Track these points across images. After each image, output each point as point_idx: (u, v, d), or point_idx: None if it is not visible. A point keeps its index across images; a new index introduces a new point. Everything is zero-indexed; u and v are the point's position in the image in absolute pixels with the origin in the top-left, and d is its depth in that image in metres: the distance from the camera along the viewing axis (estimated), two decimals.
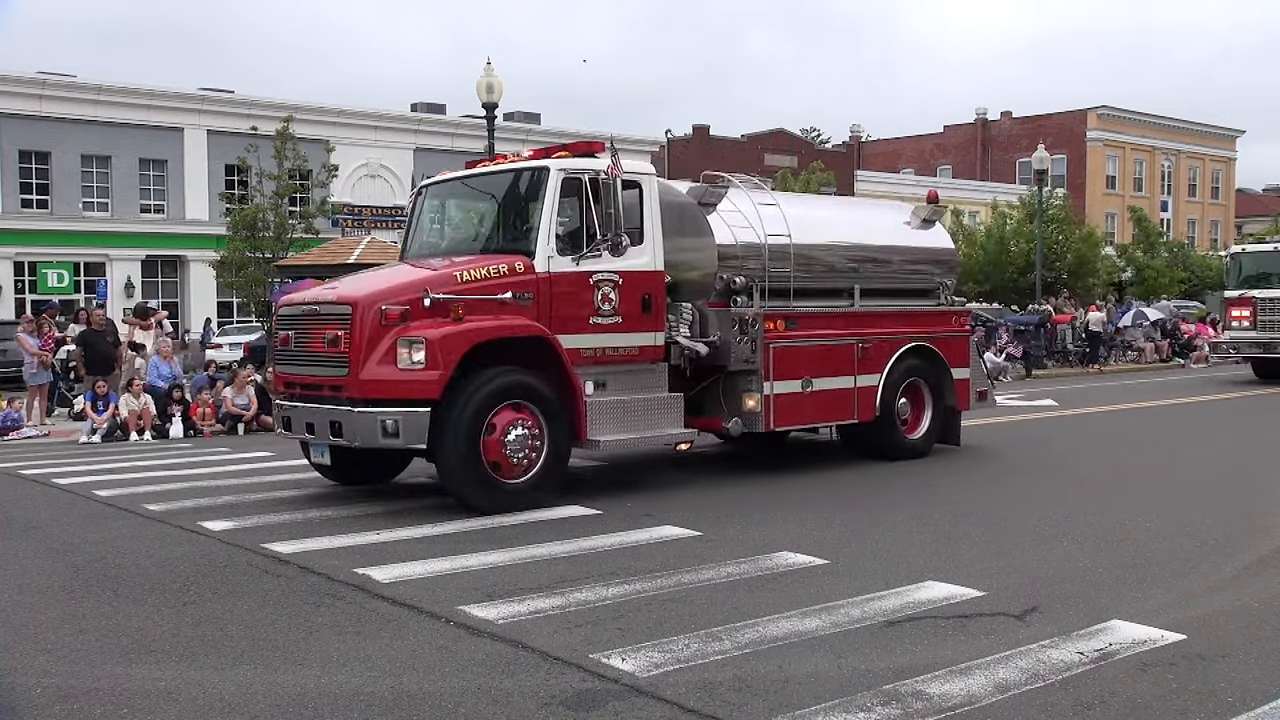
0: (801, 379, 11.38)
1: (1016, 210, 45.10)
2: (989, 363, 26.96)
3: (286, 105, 37.75)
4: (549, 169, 10.01)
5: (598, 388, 10.06)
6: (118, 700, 4.97)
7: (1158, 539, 8.27)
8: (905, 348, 12.36)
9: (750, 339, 10.93)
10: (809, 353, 11.49)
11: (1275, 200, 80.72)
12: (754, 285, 11.16)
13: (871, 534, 8.53)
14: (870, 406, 12.05)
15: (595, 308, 10.03)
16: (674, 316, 10.87)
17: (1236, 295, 24.48)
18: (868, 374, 12.01)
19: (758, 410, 11.06)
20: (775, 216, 11.54)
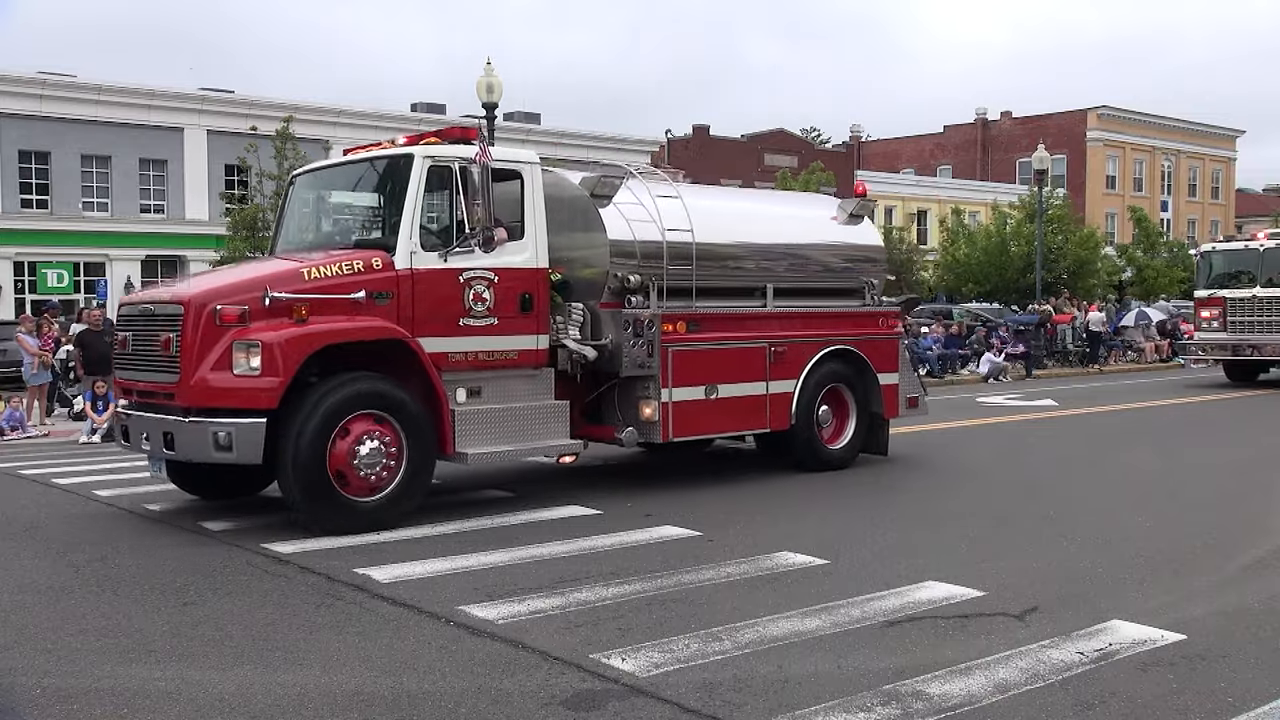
0: (705, 385, 10.55)
1: (1016, 210, 45.12)
2: (989, 363, 27.11)
3: (286, 105, 37.74)
4: (413, 156, 9.22)
5: (471, 395, 9.29)
6: (118, 700, 4.97)
7: (1157, 539, 8.28)
8: (825, 351, 11.55)
9: (646, 342, 10.09)
10: (714, 357, 10.66)
11: (1275, 200, 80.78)
12: (651, 284, 10.26)
13: (871, 534, 8.53)
14: (785, 414, 11.22)
15: (466, 308, 9.20)
16: (561, 318, 9.99)
17: (1206, 295, 23.69)
18: (782, 379, 11.19)
19: (655, 419, 10.23)
20: (677, 210, 10.62)
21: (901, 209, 59.45)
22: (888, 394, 12.23)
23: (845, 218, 12.47)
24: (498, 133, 23.36)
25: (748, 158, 53.40)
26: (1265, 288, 22.51)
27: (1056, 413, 18.64)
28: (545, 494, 10.29)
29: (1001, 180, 64.26)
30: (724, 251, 11.12)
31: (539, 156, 10.19)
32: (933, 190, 62.13)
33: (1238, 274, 23.26)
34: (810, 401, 11.44)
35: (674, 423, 10.36)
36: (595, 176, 10.42)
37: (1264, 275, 22.67)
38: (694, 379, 10.50)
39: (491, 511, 9.43)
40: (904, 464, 12.69)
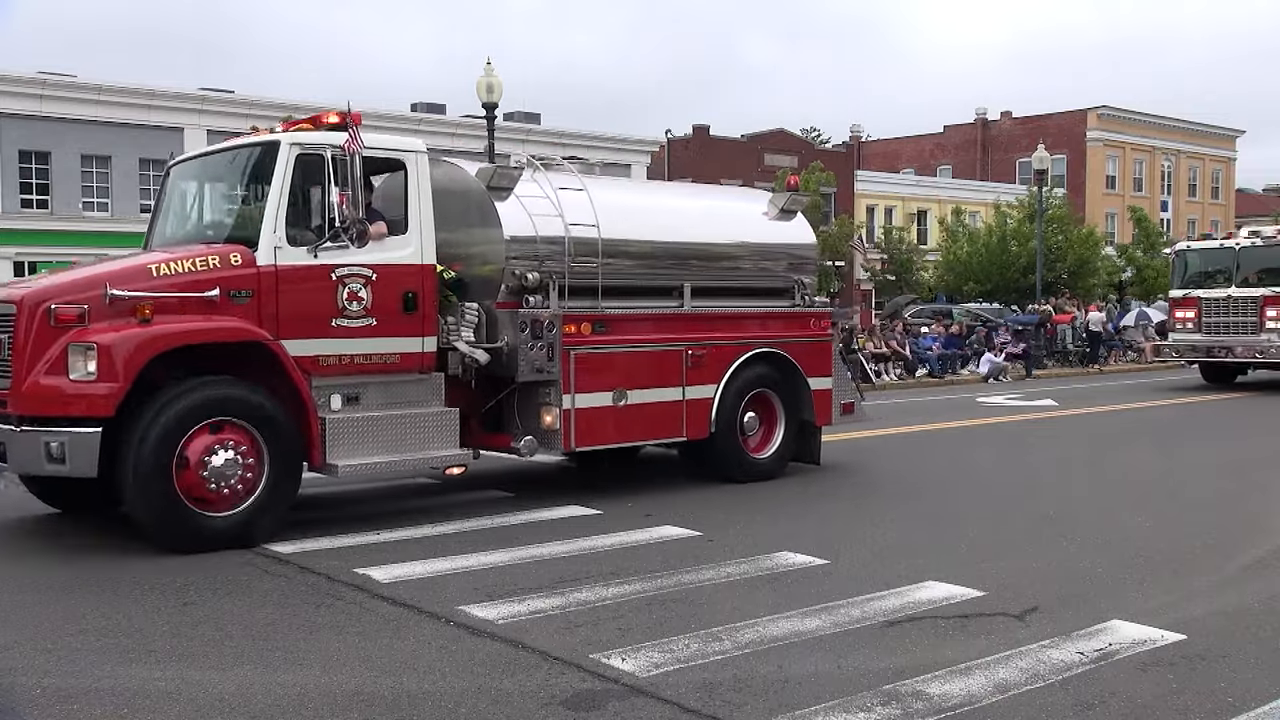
0: (613, 390, 9.86)
1: (1016, 210, 45.15)
2: (988, 363, 27.11)
3: (286, 105, 37.70)
4: (279, 144, 8.55)
5: (348, 402, 8.68)
6: (118, 700, 4.97)
7: (1157, 539, 8.28)
8: (750, 355, 10.83)
9: (546, 344, 9.42)
10: (623, 360, 9.97)
11: (1275, 200, 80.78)
12: (551, 283, 9.59)
13: (871, 534, 8.53)
14: (704, 422, 10.51)
15: (340, 308, 8.53)
16: (453, 318, 9.32)
17: (1181, 295, 23.07)
18: (701, 385, 10.47)
19: (556, 427, 9.53)
20: (582, 204, 9.92)
21: (901, 209, 59.47)
22: (820, 399, 11.52)
23: (776, 213, 11.77)
24: (498, 133, 23.38)
25: (748, 158, 53.35)
26: (1241, 287, 21.96)
27: (1056, 413, 18.64)
28: (545, 494, 10.29)
29: (1001, 180, 64.27)
30: (635, 248, 10.44)
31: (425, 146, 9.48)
32: (933, 190, 62.15)
33: (1213, 273, 22.70)
34: (733, 408, 10.74)
35: (577, 431, 9.66)
36: (491, 168, 9.76)
37: (1239, 275, 22.12)
38: (600, 384, 9.83)
39: (491, 511, 9.43)
40: (903, 464, 12.70)
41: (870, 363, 25.53)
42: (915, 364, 26.83)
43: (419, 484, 11.03)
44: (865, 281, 49.94)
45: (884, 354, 26.64)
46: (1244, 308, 21.81)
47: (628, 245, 10.33)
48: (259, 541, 8.04)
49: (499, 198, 9.62)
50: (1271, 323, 21.35)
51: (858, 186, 57.57)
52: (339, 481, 10.81)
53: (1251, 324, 21.67)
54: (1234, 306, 21.96)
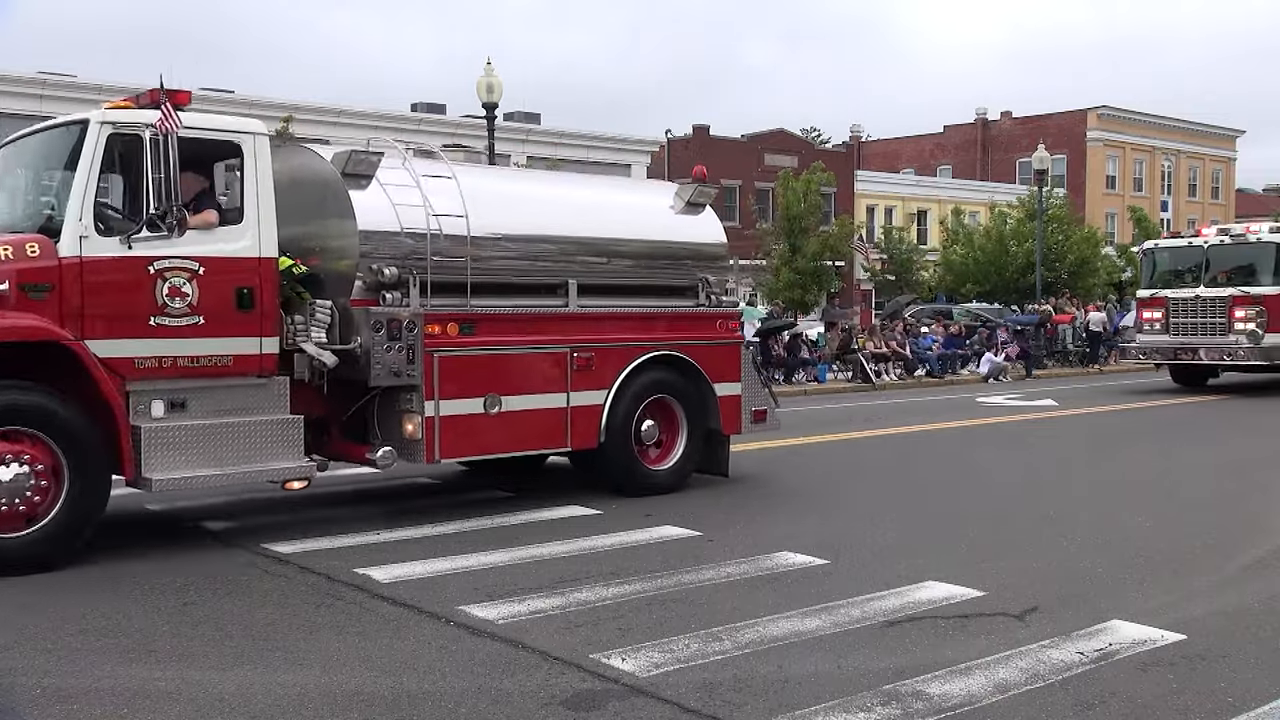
0: (485, 396, 9.10)
1: (1016, 210, 45.18)
2: (989, 363, 27.11)
3: (286, 105, 37.80)
4: (88, 122, 7.79)
5: (172, 409, 7.88)
6: (118, 700, 4.97)
7: (1157, 539, 8.28)
8: (645, 358, 10.08)
9: (405, 346, 8.67)
10: (496, 364, 9.23)
11: (1275, 200, 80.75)
12: (412, 278, 8.86)
13: (871, 534, 8.53)
14: (593, 430, 9.76)
15: (159, 304, 7.70)
16: (303, 317, 8.55)
17: (1148, 295, 22.43)
18: (589, 390, 9.72)
19: (418, 437, 8.80)
20: (450, 194, 9.18)
21: (901, 209, 59.47)
22: (727, 406, 10.73)
23: (683, 206, 10.96)
24: (498, 133, 23.39)
25: (748, 158, 53.36)
26: (1209, 287, 21.31)
27: (1056, 413, 18.64)
28: (545, 494, 10.28)
29: (1001, 180, 64.27)
30: (512, 242, 9.65)
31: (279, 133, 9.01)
32: (933, 190, 62.15)
33: (1182, 272, 22.02)
34: (627, 415, 9.97)
35: (443, 441, 8.90)
36: (346, 153, 8.91)
37: (1208, 274, 21.47)
38: (470, 390, 9.06)
39: (491, 511, 9.43)
40: (903, 464, 12.70)
41: (870, 363, 25.56)
42: (915, 364, 26.84)
43: (419, 484, 11.03)
44: (865, 281, 50.03)
45: (884, 354, 26.65)
46: (1212, 308, 21.20)
47: (503, 239, 9.57)
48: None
49: (357, 186, 8.86)
50: (1240, 323, 20.73)
51: (858, 186, 57.54)
52: (340, 482, 10.84)
53: (1220, 325, 21.03)
54: (1202, 307, 21.32)
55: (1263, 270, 21.08)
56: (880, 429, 16.16)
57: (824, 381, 24.93)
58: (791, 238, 37.91)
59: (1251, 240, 21.37)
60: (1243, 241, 21.47)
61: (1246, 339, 20.59)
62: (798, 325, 28.65)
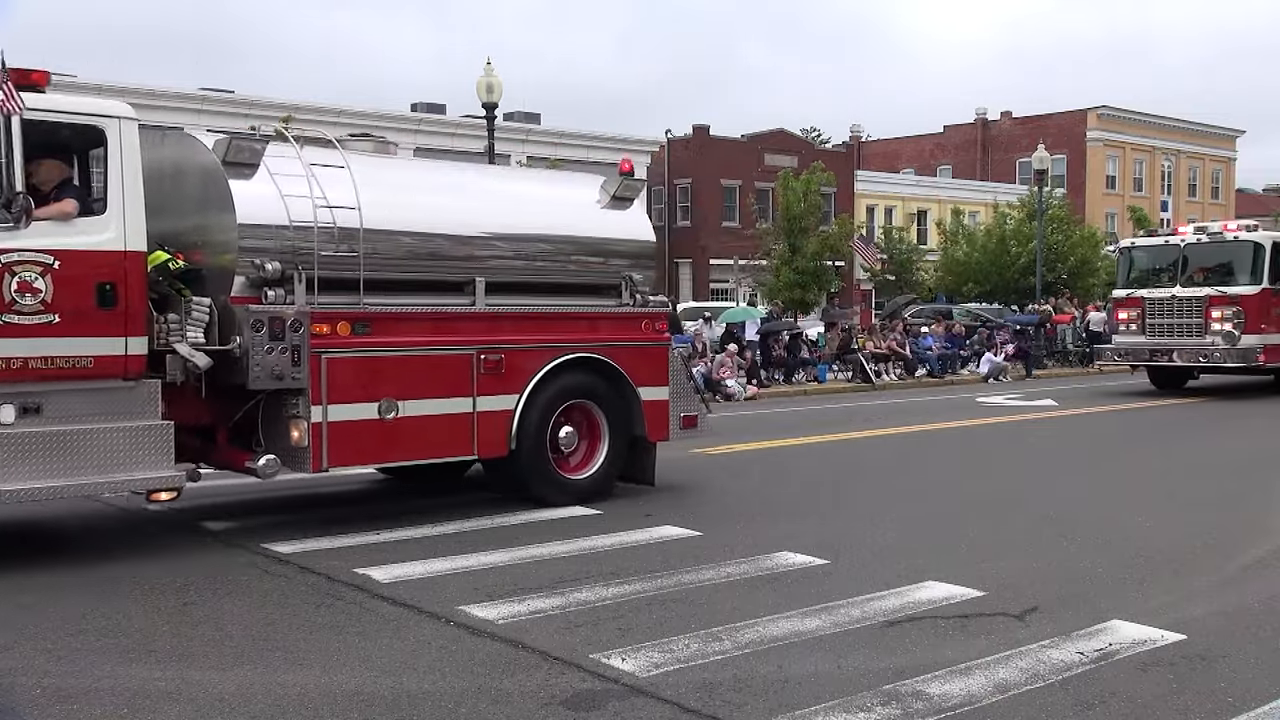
0: (380, 401, 8.55)
1: (1016, 210, 45.20)
2: (988, 363, 27.12)
3: (286, 105, 37.76)
4: None
5: (24, 414, 7.35)
6: (118, 700, 4.97)
7: (1157, 539, 8.28)
8: (562, 360, 9.54)
9: (290, 347, 8.13)
10: (393, 366, 8.66)
11: (1275, 200, 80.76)
12: (298, 274, 8.29)
13: (871, 534, 8.53)
14: (502, 437, 9.20)
15: (7, 300, 7.20)
16: (178, 316, 7.99)
17: (1124, 295, 21.87)
18: (498, 394, 9.16)
19: (304, 444, 8.24)
20: (342, 184, 8.60)
21: (901, 209, 59.48)
22: (653, 412, 10.15)
23: (608, 200, 10.38)
24: (498, 133, 23.40)
25: (748, 158, 53.37)
26: (1186, 287, 20.75)
27: (1056, 413, 18.64)
28: None
29: (1001, 180, 64.29)
30: (412, 236, 9.11)
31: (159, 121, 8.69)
32: (933, 190, 62.17)
33: (1158, 272, 21.51)
34: (541, 421, 9.44)
35: (331, 449, 8.34)
36: (227, 140, 8.33)
37: (1185, 273, 20.94)
38: (362, 394, 8.50)
39: (491, 511, 9.43)
40: (902, 464, 12.70)
41: (870, 363, 25.57)
42: (915, 364, 26.85)
43: (419, 484, 11.02)
44: (865, 281, 50.03)
45: (884, 354, 26.66)
46: (1188, 308, 20.68)
47: (403, 233, 9.02)
48: None
49: (239, 175, 8.27)
50: (1216, 324, 20.25)
51: (858, 186, 57.54)
52: (340, 482, 10.84)
53: (1196, 326, 20.53)
54: (1178, 307, 20.82)
55: (1240, 270, 20.60)
56: (880, 429, 16.16)
57: (824, 381, 24.93)
58: (791, 238, 37.91)
59: (1229, 239, 20.95)
60: (1220, 240, 21.03)
61: (1222, 340, 20.14)
62: (797, 325, 28.61)
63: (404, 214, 9.09)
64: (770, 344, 24.74)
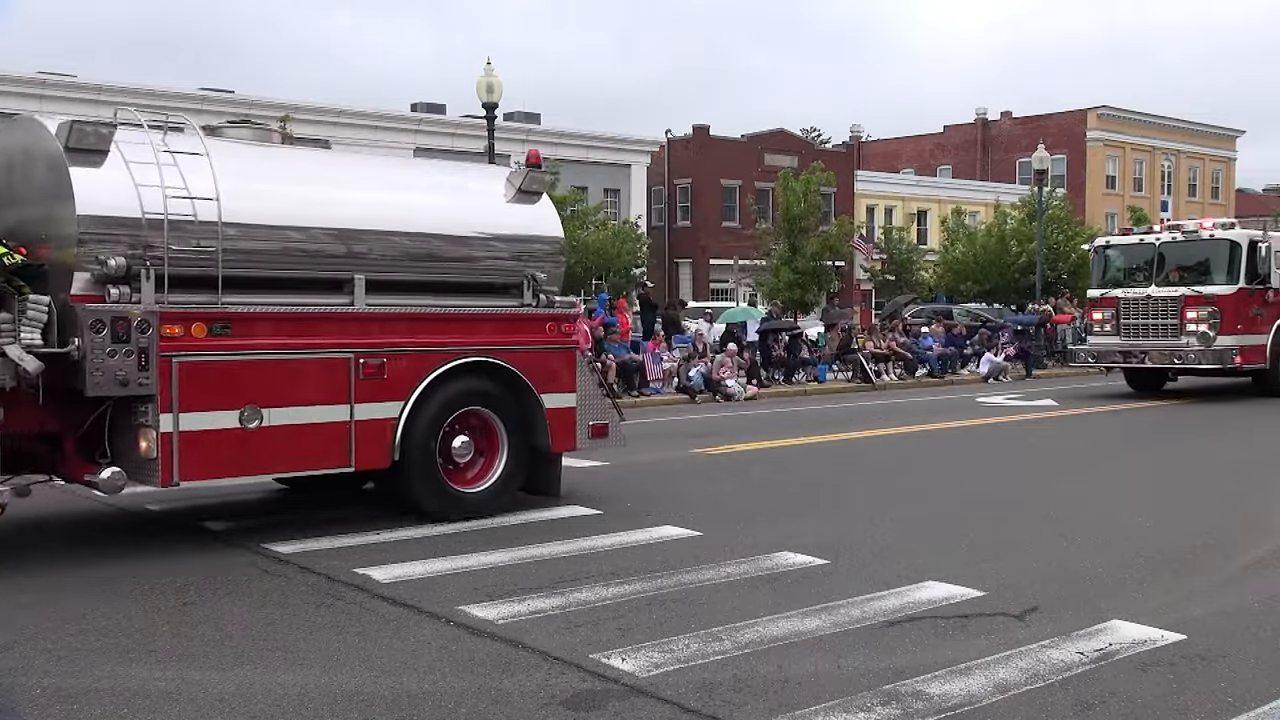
0: (241, 409, 7.87)
1: (1017, 210, 45.21)
2: (989, 363, 27.11)
3: (285, 105, 37.81)
4: None
5: None
6: (118, 700, 4.98)
7: (1157, 539, 8.28)
8: (454, 365, 8.89)
9: (136, 350, 7.47)
10: (257, 371, 7.99)
11: (1275, 200, 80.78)
12: (146, 270, 7.61)
13: (871, 534, 8.53)
14: (384, 447, 8.56)
15: None
16: (9, 315, 7.39)
17: (1099, 295, 21.28)
18: (379, 401, 8.52)
19: (153, 455, 7.58)
20: (200, 173, 7.89)
21: (901, 209, 59.49)
22: (557, 420, 9.48)
23: (514, 194, 9.72)
24: (498, 133, 23.39)
25: (748, 158, 53.38)
26: (1161, 286, 20.24)
27: (1056, 413, 18.64)
28: None
29: (1001, 180, 64.30)
30: (281, 231, 8.39)
31: None
32: (933, 190, 62.18)
33: (1134, 271, 20.99)
34: (430, 430, 8.79)
35: (184, 461, 7.65)
36: (68, 124, 7.67)
37: (1161, 273, 20.42)
38: (221, 401, 7.83)
39: (492, 511, 9.41)
40: (902, 464, 12.70)
41: (870, 363, 25.57)
42: (915, 364, 26.85)
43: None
44: (865, 281, 50.02)
45: (884, 354, 26.66)
46: (1163, 309, 20.12)
47: (271, 226, 8.34)
48: None
49: (85, 163, 7.62)
50: (1191, 325, 19.69)
51: (858, 186, 57.55)
52: None
53: (1171, 327, 19.97)
54: (1153, 307, 20.26)
55: (1217, 269, 20.09)
56: (880, 429, 16.16)
57: (824, 381, 24.93)
58: (791, 238, 37.93)
59: (1205, 237, 20.35)
60: (1196, 238, 20.47)
61: (1197, 341, 19.63)
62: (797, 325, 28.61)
63: (273, 206, 8.41)
64: (770, 344, 24.74)
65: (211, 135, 8.71)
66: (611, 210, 44.63)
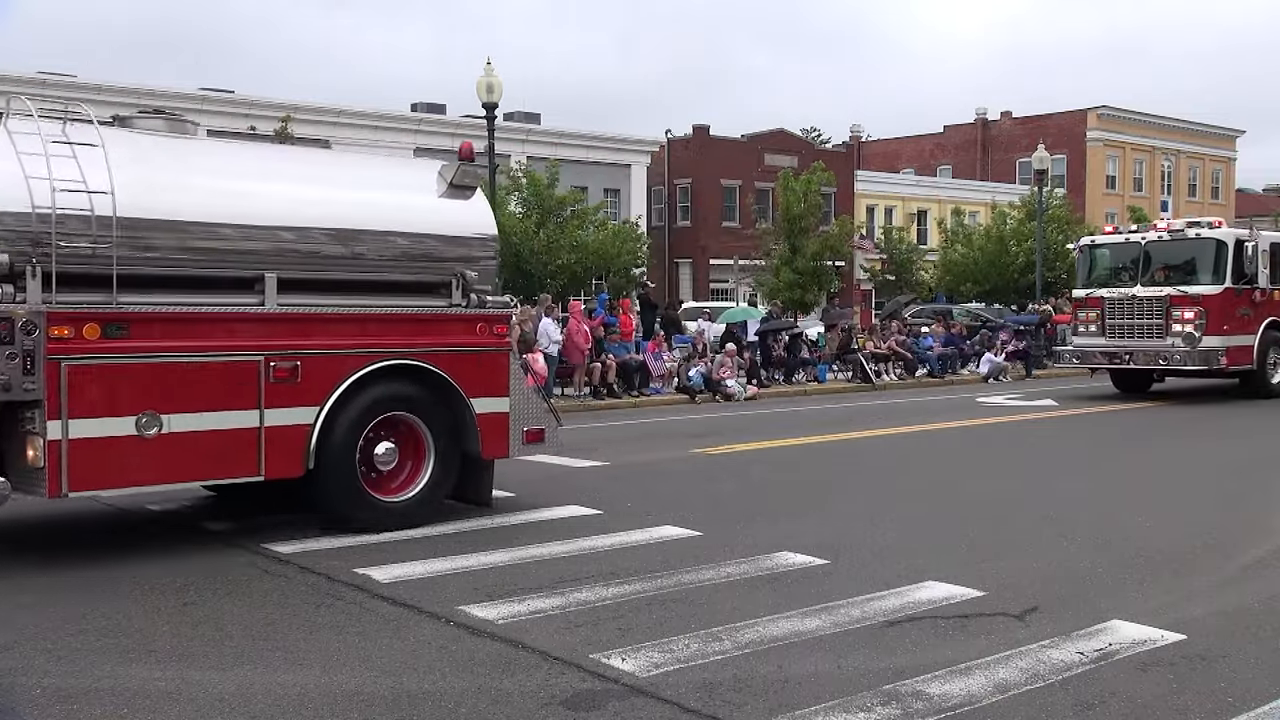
0: (138, 415, 7.47)
1: (1017, 210, 45.21)
2: (989, 363, 27.10)
3: (286, 105, 37.81)
4: None
5: None
6: (118, 700, 4.98)
7: (1157, 539, 8.28)
8: (375, 368, 8.48)
9: (20, 352, 7.12)
10: (156, 374, 7.59)
11: (1275, 200, 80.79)
12: (31, 268, 7.23)
13: (871, 534, 8.53)
14: (297, 454, 8.14)
15: None
16: None
17: (1084, 295, 21.00)
18: (292, 406, 8.12)
19: (40, 464, 7.21)
20: (94, 165, 7.54)
21: (901, 209, 59.49)
22: (489, 426, 9.07)
23: (445, 189, 9.25)
24: (498, 133, 23.39)
25: (748, 158, 53.36)
26: (1147, 286, 19.97)
27: (1056, 413, 18.64)
28: (545, 494, 10.28)
29: (1001, 180, 64.30)
30: (183, 226, 7.92)
31: None
32: (933, 190, 62.17)
33: (1119, 271, 20.72)
34: (349, 436, 8.39)
35: (74, 470, 7.27)
36: None
37: (1147, 272, 20.15)
38: (116, 407, 7.43)
39: (491, 511, 9.42)
40: (902, 464, 12.70)
41: (870, 363, 25.57)
42: (915, 364, 26.85)
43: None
44: (865, 281, 50.00)
45: (884, 354, 26.66)
46: (1148, 309, 19.86)
47: (169, 222, 7.85)
48: None
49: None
50: (1177, 325, 19.44)
51: (858, 186, 57.54)
52: None
53: (1156, 327, 19.71)
54: (1138, 307, 20.00)
55: (1203, 268, 19.79)
56: (880, 429, 16.16)
57: (824, 381, 24.93)
58: (791, 238, 37.91)
59: (1191, 236, 20.06)
60: (1182, 237, 20.17)
61: (1183, 342, 19.36)
62: (796, 325, 28.62)
63: (176, 200, 7.92)
64: (770, 344, 24.74)
65: (119, 126, 8.39)
66: (611, 210, 44.61)
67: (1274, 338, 20.32)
